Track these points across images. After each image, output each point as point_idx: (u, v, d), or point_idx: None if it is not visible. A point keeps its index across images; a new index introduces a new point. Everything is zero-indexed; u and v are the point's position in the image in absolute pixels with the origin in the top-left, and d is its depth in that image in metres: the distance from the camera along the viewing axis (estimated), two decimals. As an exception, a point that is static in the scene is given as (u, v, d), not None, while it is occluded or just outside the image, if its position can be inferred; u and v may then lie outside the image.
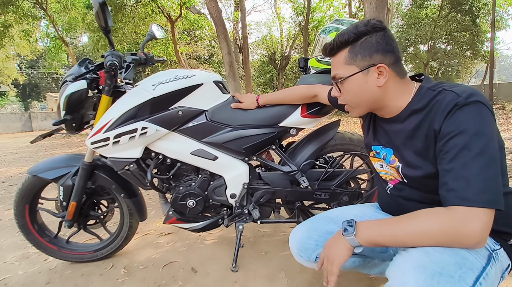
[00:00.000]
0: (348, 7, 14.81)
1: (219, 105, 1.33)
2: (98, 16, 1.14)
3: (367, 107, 0.84)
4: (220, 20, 6.04)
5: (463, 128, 0.66)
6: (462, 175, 0.65)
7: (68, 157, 1.47)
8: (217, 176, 1.38)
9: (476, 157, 0.64)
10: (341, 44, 0.79)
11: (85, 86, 1.28)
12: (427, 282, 0.61)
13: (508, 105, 9.43)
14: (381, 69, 0.76)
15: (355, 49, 0.77)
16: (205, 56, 19.20)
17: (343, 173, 1.42)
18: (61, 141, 9.69)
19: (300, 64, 1.55)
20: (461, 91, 0.70)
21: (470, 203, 0.63)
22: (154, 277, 1.39)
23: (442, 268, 0.63)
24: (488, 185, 0.63)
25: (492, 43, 8.58)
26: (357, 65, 0.78)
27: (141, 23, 10.52)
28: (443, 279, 0.61)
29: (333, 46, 0.81)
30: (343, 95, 0.85)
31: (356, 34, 0.76)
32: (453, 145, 0.67)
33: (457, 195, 0.64)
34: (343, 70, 0.80)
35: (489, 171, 0.64)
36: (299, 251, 0.99)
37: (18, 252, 1.72)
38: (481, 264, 0.67)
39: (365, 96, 0.80)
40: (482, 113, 0.67)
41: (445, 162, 0.68)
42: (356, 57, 0.77)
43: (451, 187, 0.66)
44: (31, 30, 11.68)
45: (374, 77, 0.77)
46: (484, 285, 0.65)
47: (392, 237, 0.71)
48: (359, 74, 0.78)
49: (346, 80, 0.80)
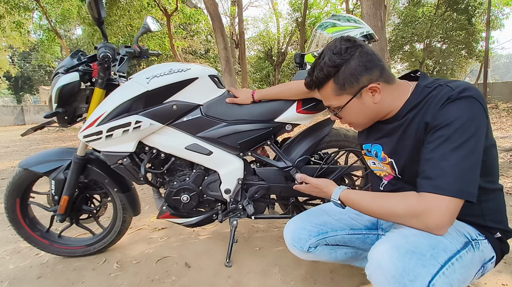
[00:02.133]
0: (345, 3, 14.79)
1: (214, 100, 1.32)
2: (90, 7, 1.12)
3: (371, 121, 0.86)
4: (217, 15, 5.98)
5: (450, 121, 0.68)
6: (439, 165, 0.67)
7: (60, 150, 1.45)
8: (211, 171, 1.37)
9: (456, 148, 0.66)
10: (323, 79, 0.79)
11: (78, 79, 1.26)
12: (400, 259, 0.66)
13: (501, 105, 9.54)
14: (373, 88, 0.77)
15: (339, 80, 0.77)
16: (201, 51, 19.04)
17: (337, 169, 1.42)
18: (54, 135, 9.57)
19: (296, 59, 1.54)
20: (456, 86, 0.71)
21: (441, 191, 0.66)
22: (147, 272, 1.39)
23: (415, 247, 0.67)
24: (462, 176, 0.66)
25: (487, 42, 8.65)
26: (347, 93, 0.78)
27: (136, 16, 10.37)
28: (415, 256, 0.66)
29: (315, 83, 0.81)
30: (344, 119, 0.87)
31: (334, 67, 0.76)
32: (438, 136, 0.69)
33: (431, 183, 0.67)
34: (336, 101, 0.82)
35: (466, 163, 0.66)
36: (293, 241, 1.01)
37: (9, 246, 1.70)
38: (455, 247, 0.70)
39: (366, 114, 0.82)
40: (472, 108, 0.68)
41: (427, 151, 0.71)
42: (344, 87, 0.78)
43: (427, 175, 0.69)
44: (23, 22, 11.43)
45: (369, 96, 0.78)
46: (457, 266, 0.68)
47: (367, 206, 0.79)
48: (353, 100, 0.79)
49: (343, 109, 0.82)
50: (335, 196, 0.86)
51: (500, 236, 0.79)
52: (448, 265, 0.67)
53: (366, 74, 0.76)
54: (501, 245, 0.80)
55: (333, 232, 1.00)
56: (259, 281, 1.29)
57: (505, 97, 11.25)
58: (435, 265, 0.65)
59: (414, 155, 0.77)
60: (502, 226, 0.80)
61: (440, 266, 0.66)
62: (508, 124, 6.34)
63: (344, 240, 1.01)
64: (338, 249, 1.03)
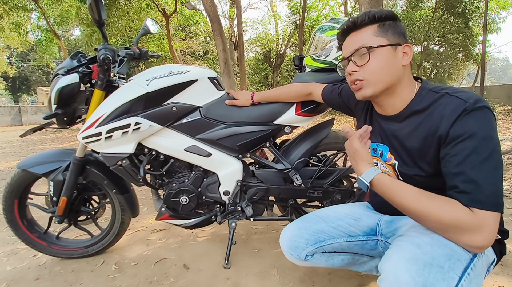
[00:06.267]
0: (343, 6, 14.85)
1: (214, 101, 1.33)
2: (91, 9, 1.12)
3: (384, 86, 0.80)
4: (216, 17, 5.99)
5: (472, 132, 0.67)
6: (472, 178, 0.65)
7: (59, 151, 1.45)
8: (210, 173, 1.37)
9: (484, 160, 0.65)
10: (372, 19, 0.79)
11: (77, 80, 1.26)
12: (419, 273, 0.63)
13: (498, 107, 9.61)
14: (406, 49, 0.79)
15: (384, 27, 0.79)
16: (200, 52, 19.04)
17: (336, 171, 1.43)
18: (52, 136, 9.53)
19: (295, 62, 1.55)
20: (467, 97, 0.71)
21: (482, 206, 0.64)
22: (146, 274, 1.38)
23: (432, 259, 0.64)
24: (496, 188, 0.65)
25: (483, 46, 8.70)
26: (387, 39, 0.79)
27: (135, 18, 10.36)
28: (434, 269, 0.63)
29: (364, 19, 0.79)
30: (363, 69, 0.80)
31: (385, 14, 0.79)
32: (462, 149, 0.68)
33: (469, 197, 0.65)
34: (371, 40, 0.79)
35: (497, 175, 0.66)
36: (290, 249, 0.99)
37: (7, 247, 1.70)
38: (468, 256, 0.69)
39: (389, 71, 0.79)
40: (489, 118, 0.68)
41: (452, 165, 0.69)
42: (387, 32, 0.79)
43: (462, 189, 0.66)
44: (21, 22, 11.39)
45: (401, 55, 0.79)
46: (472, 275, 0.67)
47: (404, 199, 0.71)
48: (388, 48, 0.78)
49: (375, 51, 0.78)
50: (368, 177, 0.76)
51: (499, 238, 0.80)
52: (465, 276, 0.65)
53: (403, 38, 0.80)
54: (500, 247, 0.81)
55: (330, 239, 0.97)
56: (258, 282, 1.29)
57: (501, 100, 11.34)
58: (453, 277, 0.64)
59: (417, 160, 0.77)
60: (500, 227, 0.80)
61: (458, 278, 0.64)
62: (505, 127, 6.38)
63: (342, 247, 0.99)
64: (336, 256, 1.01)
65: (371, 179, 0.76)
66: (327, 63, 1.35)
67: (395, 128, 0.83)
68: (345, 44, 0.85)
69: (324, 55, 1.35)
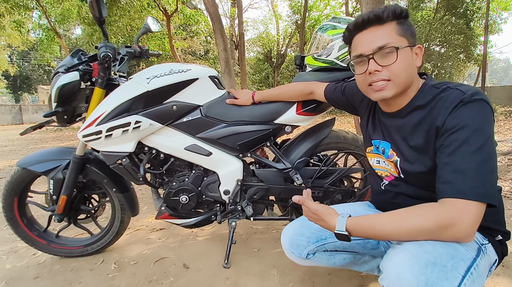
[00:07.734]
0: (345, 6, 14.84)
1: (214, 100, 1.32)
2: (92, 6, 1.12)
3: (404, 87, 0.78)
4: (217, 16, 5.98)
5: (465, 124, 0.67)
6: (459, 168, 0.65)
7: (59, 149, 1.45)
8: (210, 172, 1.37)
9: (475, 152, 0.65)
10: (395, 14, 0.76)
11: (78, 78, 1.26)
12: (421, 271, 0.62)
13: (499, 108, 9.60)
14: (417, 50, 0.79)
15: (404, 25, 0.77)
16: (201, 52, 19.04)
17: (336, 171, 1.42)
18: (52, 134, 9.54)
19: (296, 61, 1.54)
20: (466, 89, 0.71)
21: (465, 196, 0.63)
22: (145, 273, 1.38)
23: (435, 258, 0.64)
24: (484, 179, 0.64)
25: (485, 46, 8.70)
26: (407, 38, 0.77)
27: (136, 17, 10.36)
28: (437, 268, 0.62)
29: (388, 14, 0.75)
30: (387, 69, 0.76)
31: (406, 11, 0.77)
32: (454, 139, 0.68)
33: (453, 187, 0.65)
34: (396, 40, 0.75)
35: (486, 166, 0.65)
36: (291, 247, 0.99)
37: (6, 246, 1.69)
38: (471, 256, 0.68)
39: (410, 73, 0.78)
40: (485, 111, 0.68)
41: (444, 156, 0.69)
42: (407, 32, 0.77)
43: (448, 179, 0.66)
44: (23, 21, 11.41)
45: (415, 55, 0.79)
46: (475, 275, 0.66)
47: (385, 229, 0.70)
48: (408, 49, 0.77)
49: (401, 51, 0.75)
50: (341, 226, 0.74)
51: (501, 239, 0.80)
52: (468, 276, 0.64)
53: (415, 38, 0.79)
54: (502, 248, 0.81)
55: (332, 238, 0.96)
56: (257, 282, 1.29)
57: (502, 101, 11.32)
58: (456, 276, 0.63)
59: (420, 156, 0.77)
60: (501, 228, 0.80)
61: (461, 277, 0.63)
62: (506, 128, 6.38)
63: (343, 246, 0.98)
64: (337, 255, 1.01)
65: (345, 225, 0.74)
66: (328, 62, 1.34)
67: (398, 124, 0.83)
68: (362, 39, 0.79)
69: (326, 54, 1.34)
